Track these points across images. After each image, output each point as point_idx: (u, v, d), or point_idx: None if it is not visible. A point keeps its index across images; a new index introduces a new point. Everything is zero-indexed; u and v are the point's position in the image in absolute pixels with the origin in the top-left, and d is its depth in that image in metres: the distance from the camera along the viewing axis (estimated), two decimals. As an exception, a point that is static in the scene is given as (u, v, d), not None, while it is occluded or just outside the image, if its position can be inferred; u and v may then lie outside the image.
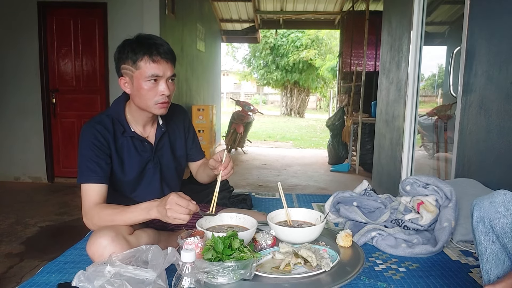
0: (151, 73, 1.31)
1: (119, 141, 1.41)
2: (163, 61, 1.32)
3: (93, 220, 1.27)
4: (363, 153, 5.59)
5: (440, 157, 3.49)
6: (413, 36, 3.15)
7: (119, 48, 1.38)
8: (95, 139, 1.34)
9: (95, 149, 1.33)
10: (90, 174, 1.30)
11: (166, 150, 1.52)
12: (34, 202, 3.97)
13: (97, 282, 0.96)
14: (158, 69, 1.32)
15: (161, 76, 1.33)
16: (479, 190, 1.85)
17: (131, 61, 1.33)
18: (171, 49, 1.37)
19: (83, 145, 1.35)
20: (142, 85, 1.33)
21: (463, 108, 2.24)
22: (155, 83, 1.33)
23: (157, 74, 1.32)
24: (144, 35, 1.39)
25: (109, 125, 1.39)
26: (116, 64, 1.39)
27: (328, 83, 17.56)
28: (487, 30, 2.04)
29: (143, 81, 1.32)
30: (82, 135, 1.37)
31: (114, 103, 1.47)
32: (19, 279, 2.40)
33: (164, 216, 1.16)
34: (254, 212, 1.69)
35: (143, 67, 1.32)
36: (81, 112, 4.70)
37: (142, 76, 1.32)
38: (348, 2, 7.42)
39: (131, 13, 4.45)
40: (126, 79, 1.37)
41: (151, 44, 1.33)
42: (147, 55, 1.31)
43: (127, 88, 1.39)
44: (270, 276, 1.08)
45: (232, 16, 8.92)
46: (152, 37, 1.37)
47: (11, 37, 4.54)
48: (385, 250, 1.47)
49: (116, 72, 1.41)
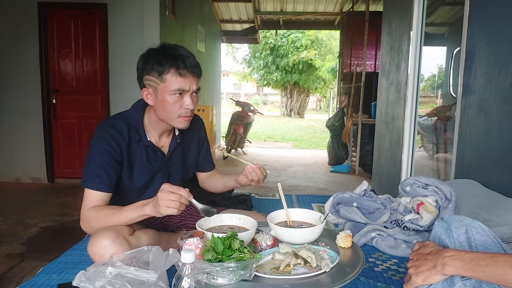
0: (177, 87, 1.28)
1: (132, 149, 1.38)
2: (189, 75, 1.29)
3: (90, 223, 1.26)
4: (363, 154, 5.59)
5: (439, 158, 3.49)
6: (413, 37, 3.15)
7: (143, 58, 1.33)
8: (107, 145, 1.31)
9: (106, 155, 1.30)
10: (95, 180, 1.28)
11: (177, 160, 1.51)
12: (35, 202, 3.98)
13: (98, 282, 0.97)
14: (184, 83, 1.29)
15: (187, 91, 1.30)
16: (479, 191, 1.85)
17: (157, 73, 1.29)
18: (197, 62, 1.33)
19: (94, 148, 1.31)
20: (166, 98, 1.29)
21: (462, 109, 2.25)
22: (180, 96, 1.30)
23: (183, 88, 1.29)
24: (169, 44, 1.34)
25: (124, 131, 1.36)
26: (138, 74, 1.35)
27: (328, 84, 17.58)
28: (486, 31, 2.04)
29: (168, 95, 1.29)
30: (95, 137, 1.33)
31: (133, 108, 1.43)
32: (20, 279, 2.40)
33: (156, 207, 1.13)
34: (254, 213, 1.69)
35: (169, 80, 1.28)
36: (81, 113, 4.70)
37: (167, 89, 1.28)
38: (348, 3, 7.42)
39: (131, 14, 4.45)
40: (150, 90, 1.33)
41: (178, 56, 1.28)
42: (174, 68, 1.27)
43: (149, 100, 1.34)
44: (270, 277, 1.08)
45: (232, 16, 8.93)
46: (177, 48, 1.32)
47: (12, 38, 4.55)
48: (385, 251, 1.48)
49: (138, 83, 1.37)
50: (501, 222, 1.53)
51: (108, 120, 1.39)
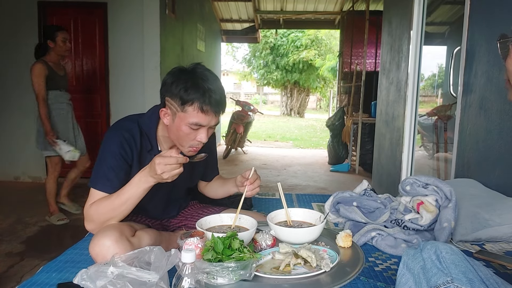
0: (195, 121, 1.24)
1: (143, 157, 1.36)
2: (212, 112, 1.24)
3: (94, 218, 1.25)
4: (363, 153, 5.59)
5: (440, 157, 3.49)
6: (413, 36, 3.15)
7: (172, 78, 1.26)
8: (121, 149, 1.29)
9: (119, 159, 1.29)
10: (106, 183, 1.27)
11: (185, 172, 1.50)
12: (34, 201, 3.97)
13: (99, 282, 0.96)
14: (204, 120, 1.24)
15: (204, 126, 1.27)
16: (479, 190, 1.85)
17: (180, 101, 1.23)
18: (224, 99, 1.28)
19: (107, 150, 1.30)
20: (182, 127, 1.25)
21: (463, 108, 2.24)
22: (196, 129, 1.27)
23: (201, 123, 1.25)
24: (201, 71, 1.28)
25: (137, 137, 1.34)
26: (162, 91, 1.30)
27: (328, 83, 17.58)
28: (487, 30, 2.04)
29: (184, 125, 1.25)
30: (108, 140, 1.31)
31: (148, 114, 1.39)
32: (19, 278, 2.40)
33: (161, 179, 1.18)
34: (254, 213, 1.69)
35: (190, 112, 1.23)
36: (81, 112, 4.68)
37: (185, 120, 1.24)
38: (348, 2, 7.42)
39: (131, 13, 4.45)
40: (168, 111, 1.29)
41: (206, 90, 1.23)
42: (198, 103, 1.22)
43: (165, 119, 1.30)
44: (270, 277, 1.08)
45: (232, 16, 8.92)
46: (208, 78, 1.26)
47: (11, 37, 4.54)
48: (385, 250, 1.47)
49: (160, 98, 1.32)
50: (501, 222, 1.53)
51: (124, 123, 1.37)
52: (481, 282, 0.83)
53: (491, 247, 1.49)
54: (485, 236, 1.52)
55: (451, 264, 0.87)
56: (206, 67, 1.32)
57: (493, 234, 1.52)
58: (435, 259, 0.90)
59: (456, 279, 0.82)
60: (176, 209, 1.58)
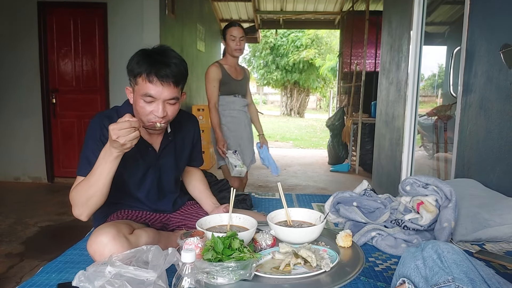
0: (145, 92, 1.28)
1: None
2: (159, 83, 1.27)
3: (75, 200, 1.26)
4: (363, 153, 5.59)
5: (440, 157, 3.49)
6: (413, 36, 3.15)
7: (133, 56, 1.34)
8: (101, 133, 1.33)
9: (99, 143, 1.30)
10: (87, 166, 1.29)
11: (169, 158, 1.52)
12: (34, 202, 3.97)
13: (97, 282, 0.96)
14: (152, 90, 1.27)
15: (156, 98, 1.29)
16: (479, 190, 1.85)
17: (132, 75, 1.31)
18: (176, 71, 1.30)
19: (89, 136, 1.35)
20: (138, 101, 1.31)
21: (463, 108, 2.24)
22: (151, 102, 1.30)
23: (150, 94, 1.28)
24: (159, 48, 1.33)
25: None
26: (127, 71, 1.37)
27: (328, 83, 17.57)
28: (487, 30, 2.03)
29: (139, 98, 1.30)
30: (90, 127, 1.36)
31: (126, 102, 1.45)
32: (19, 279, 2.40)
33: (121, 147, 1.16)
34: (254, 212, 1.69)
35: (140, 84, 1.29)
36: (81, 112, 4.70)
37: (138, 92, 1.30)
38: (348, 2, 7.42)
39: (131, 13, 4.45)
40: (130, 89, 1.36)
41: (154, 62, 1.27)
42: (145, 74, 1.27)
43: (130, 98, 1.38)
44: (270, 277, 1.08)
45: (232, 16, 8.92)
46: (165, 54, 1.31)
47: (11, 37, 4.54)
48: (385, 250, 1.47)
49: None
50: (501, 222, 1.53)
51: (104, 112, 1.43)
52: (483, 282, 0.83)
53: (491, 247, 1.49)
54: (485, 236, 1.52)
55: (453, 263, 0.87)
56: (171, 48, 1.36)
57: (493, 234, 1.52)
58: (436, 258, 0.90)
59: (457, 278, 0.82)
60: (170, 202, 1.57)
